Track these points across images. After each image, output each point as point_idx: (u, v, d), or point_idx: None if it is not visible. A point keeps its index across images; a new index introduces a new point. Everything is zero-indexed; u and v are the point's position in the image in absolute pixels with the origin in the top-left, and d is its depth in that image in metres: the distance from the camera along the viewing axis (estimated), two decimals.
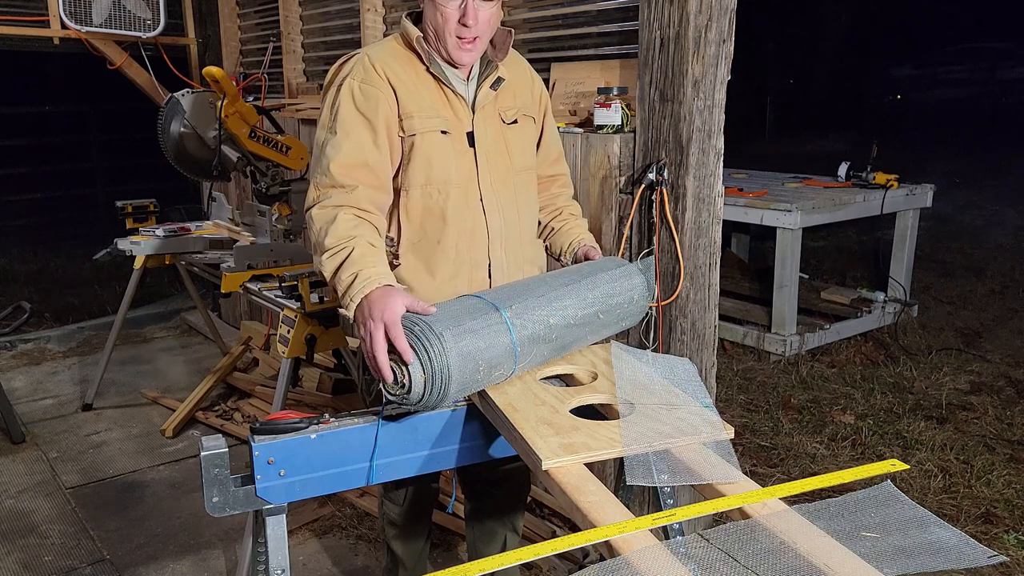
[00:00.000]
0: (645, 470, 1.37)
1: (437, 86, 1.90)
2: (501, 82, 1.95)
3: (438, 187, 1.89)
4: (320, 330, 2.85)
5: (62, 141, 7.97)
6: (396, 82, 1.85)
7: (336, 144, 1.82)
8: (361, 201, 1.79)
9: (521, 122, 2.01)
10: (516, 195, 1.99)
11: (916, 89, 17.64)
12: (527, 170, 2.04)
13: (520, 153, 2.00)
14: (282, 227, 3.54)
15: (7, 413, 3.89)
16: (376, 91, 1.84)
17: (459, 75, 1.92)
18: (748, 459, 3.55)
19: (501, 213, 1.95)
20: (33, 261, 7.13)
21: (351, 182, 1.79)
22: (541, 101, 2.10)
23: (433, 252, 1.92)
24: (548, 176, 2.16)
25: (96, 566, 2.91)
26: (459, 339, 1.50)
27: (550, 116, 2.14)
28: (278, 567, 1.51)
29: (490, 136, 1.94)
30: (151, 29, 5.06)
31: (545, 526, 2.94)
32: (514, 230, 1.99)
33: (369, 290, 1.61)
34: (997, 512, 3.08)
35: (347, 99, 1.84)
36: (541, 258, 2.15)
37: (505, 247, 1.98)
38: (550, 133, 2.14)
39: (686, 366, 1.74)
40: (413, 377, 1.48)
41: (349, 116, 1.84)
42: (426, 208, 1.90)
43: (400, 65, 1.88)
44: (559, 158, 2.18)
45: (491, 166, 1.94)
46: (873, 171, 5.14)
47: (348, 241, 1.71)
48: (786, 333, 4.75)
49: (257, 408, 4.06)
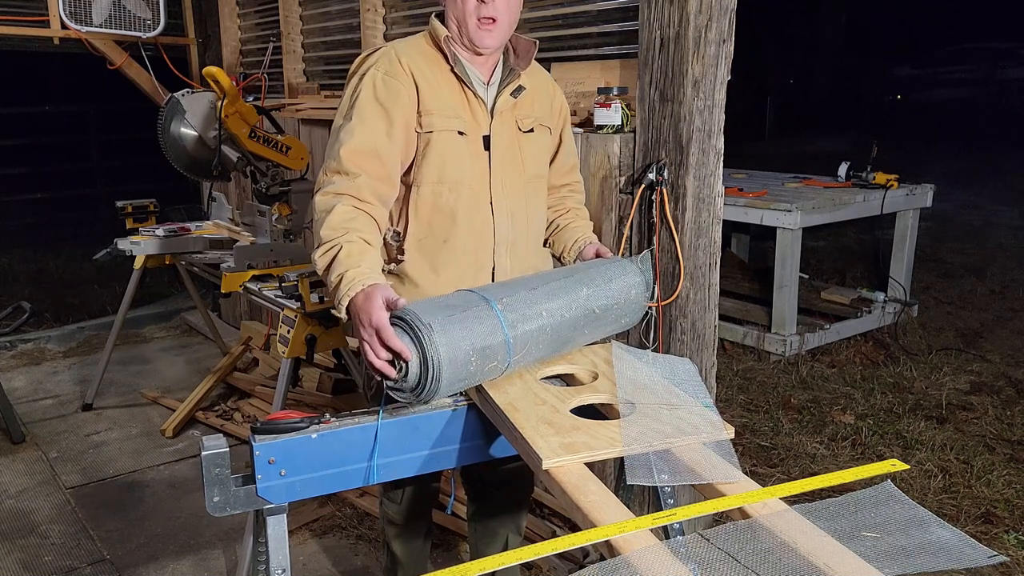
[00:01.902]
0: (645, 470, 1.37)
1: (460, 87, 1.91)
2: (522, 91, 1.98)
3: (450, 186, 1.90)
4: (320, 330, 2.85)
5: (62, 141, 7.97)
6: (420, 78, 1.87)
7: (349, 130, 1.83)
8: (362, 191, 1.80)
9: (537, 131, 2.02)
10: (527, 202, 2.01)
11: (916, 89, 17.63)
12: (538, 179, 2.06)
13: (533, 161, 2.02)
14: (282, 227, 3.54)
15: (7, 413, 3.89)
16: (398, 83, 1.85)
17: (481, 78, 1.94)
18: (748, 459, 3.55)
19: (510, 218, 1.97)
20: (33, 261, 7.13)
21: (356, 169, 1.80)
22: (561, 113, 2.12)
23: (439, 251, 1.93)
24: (563, 185, 2.20)
25: (96, 566, 2.91)
26: (447, 326, 1.52)
27: (568, 128, 2.16)
28: (278, 567, 1.51)
29: (505, 142, 1.95)
30: (151, 29, 5.07)
31: (545, 526, 2.94)
32: (521, 236, 2.01)
33: (354, 293, 1.62)
34: (997, 512, 3.08)
35: (368, 88, 1.86)
36: (547, 267, 2.15)
37: (511, 253, 1.99)
38: (567, 145, 2.17)
39: (686, 366, 1.74)
40: (410, 364, 1.51)
41: (367, 104, 1.85)
42: (436, 206, 1.91)
43: (426, 62, 1.90)
44: (574, 168, 2.21)
45: (504, 171, 1.95)
46: (873, 171, 5.14)
47: (338, 237, 1.71)
48: (786, 333, 4.75)
49: (257, 408, 4.06)
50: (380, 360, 1.55)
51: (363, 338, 1.57)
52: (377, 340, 1.54)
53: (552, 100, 2.09)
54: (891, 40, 18.33)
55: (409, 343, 1.52)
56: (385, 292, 1.60)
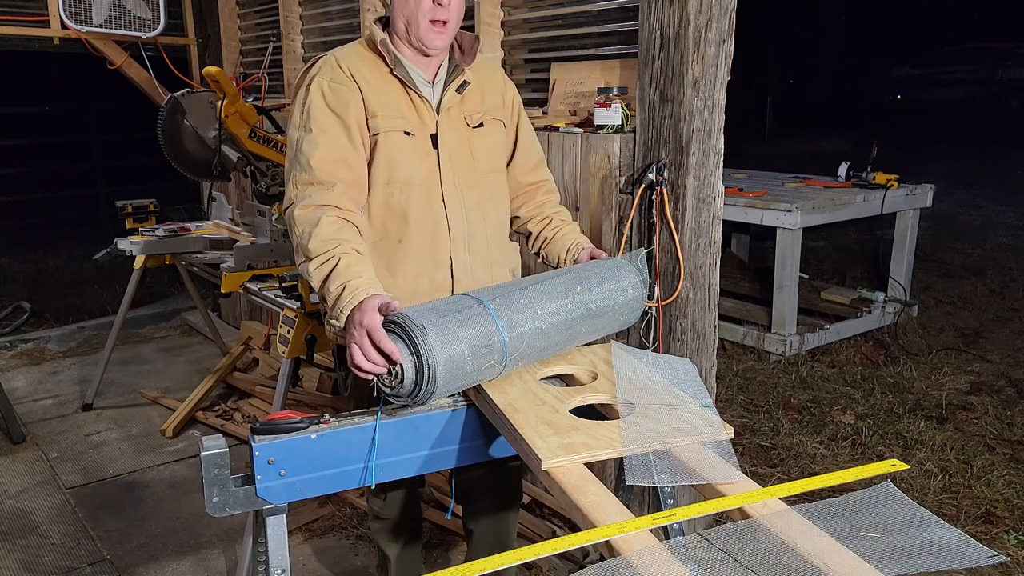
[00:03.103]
0: (645, 470, 1.37)
1: (402, 89, 1.92)
2: (467, 86, 1.98)
3: (400, 186, 1.91)
4: (320, 330, 2.85)
5: (62, 141, 7.97)
6: (362, 82, 1.89)
7: (312, 141, 1.84)
8: (342, 200, 1.81)
9: (488, 125, 2.02)
10: (482, 198, 2.01)
11: (916, 89, 17.62)
12: (494, 173, 2.05)
13: (486, 156, 2.02)
14: (282, 227, 3.54)
15: (7, 413, 3.89)
16: (345, 89, 1.87)
17: (425, 78, 1.95)
18: (748, 459, 3.55)
19: (464, 215, 1.97)
20: (33, 261, 7.13)
21: (330, 179, 1.82)
22: (513, 105, 2.12)
23: (394, 251, 1.94)
24: (531, 184, 2.16)
25: (96, 566, 2.92)
26: (441, 328, 1.52)
27: (525, 121, 2.15)
28: (278, 567, 1.51)
29: (454, 139, 1.96)
30: (151, 29, 5.06)
31: (545, 526, 2.94)
32: (479, 232, 2.00)
33: (357, 302, 1.62)
34: (997, 512, 3.08)
35: (318, 97, 1.87)
36: (513, 261, 2.15)
37: (469, 248, 1.99)
38: (527, 138, 2.14)
39: (686, 366, 1.74)
40: (404, 367, 1.51)
41: (322, 114, 1.86)
42: (388, 207, 1.92)
43: (366, 66, 1.91)
44: (539, 163, 2.18)
45: (454, 168, 1.96)
46: (873, 171, 5.14)
47: (334, 248, 1.72)
48: (786, 333, 4.75)
49: (257, 408, 4.06)
50: (368, 363, 1.54)
51: (353, 340, 1.57)
52: (368, 342, 1.54)
53: (504, 93, 2.09)
54: (891, 40, 18.32)
55: (403, 347, 1.52)
56: (380, 299, 1.60)
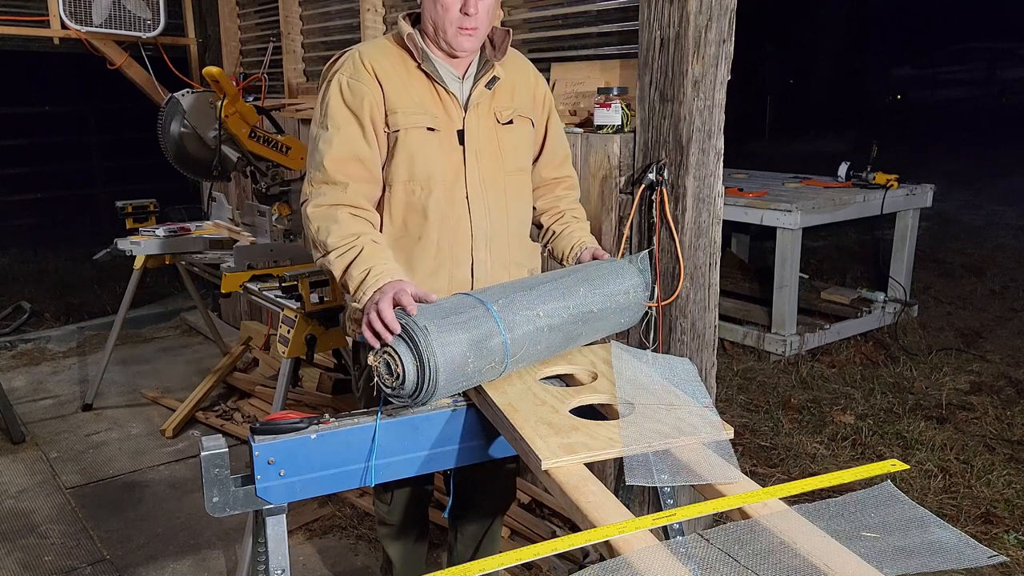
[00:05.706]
0: (645, 470, 1.37)
1: (428, 84, 1.90)
2: (496, 81, 1.95)
3: (420, 183, 1.90)
4: (320, 330, 2.85)
5: (62, 141, 7.96)
6: (384, 78, 1.87)
7: (327, 139, 1.85)
8: (356, 198, 1.83)
9: (517, 123, 2.00)
10: (506, 195, 1.99)
11: (916, 89, 17.64)
12: (520, 171, 2.03)
13: (513, 153, 2.00)
14: (282, 227, 3.54)
15: (7, 413, 3.88)
16: (362, 86, 1.86)
17: (454, 73, 1.93)
18: (748, 459, 3.55)
19: (488, 213, 1.96)
20: (33, 261, 7.13)
21: (343, 178, 1.83)
22: (544, 103, 2.09)
23: (413, 248, 1.93)
24: (554, 178, 2.15)
25: (96, 566, 2.91)
26: (442, 329, 1.52)
27: (555, 118, 2.13)
28: (278, 567, 1.51)
29: (482, 135, 1.94)
30: (151, 29, 5.06)
31: (545, 526, 2.94)
32: (501, 230, 1.99)
33: (382, 284, 1.66)
34: (997, 512, 3.08)
35: (335, 94, 1.88)
36: (533, 261, 2.13)
37: (490, 247, 1.98)
38: (555, 135, 2.13)
39: (686, 366, 1.74)
40: (406, 368, 1.51)
41: (338, 111, 1.87)
42: (408, 204, 1.91)
43: (390, 62, 1.90)
44: (565, 160, 2.16)
45: (481, 165, 1.94)
46: (873, 171, 5.14)
47: (355, 239, 1.75)
48: (786, 333, 4.75)
49: (257, 408, 4.06)
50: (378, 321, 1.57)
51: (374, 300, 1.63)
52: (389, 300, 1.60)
53: (535, 90, 2.06)
54: (891, 40, 18.32)
55: (405, 348, 1.52)
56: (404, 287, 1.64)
